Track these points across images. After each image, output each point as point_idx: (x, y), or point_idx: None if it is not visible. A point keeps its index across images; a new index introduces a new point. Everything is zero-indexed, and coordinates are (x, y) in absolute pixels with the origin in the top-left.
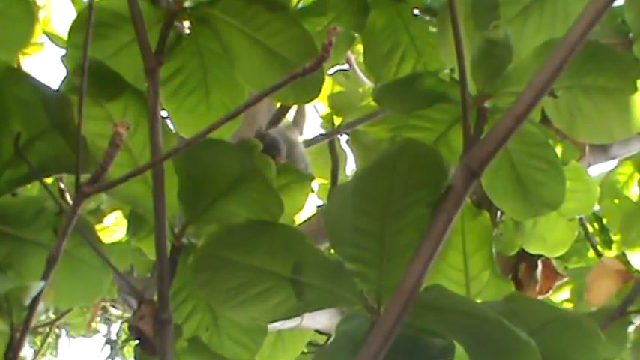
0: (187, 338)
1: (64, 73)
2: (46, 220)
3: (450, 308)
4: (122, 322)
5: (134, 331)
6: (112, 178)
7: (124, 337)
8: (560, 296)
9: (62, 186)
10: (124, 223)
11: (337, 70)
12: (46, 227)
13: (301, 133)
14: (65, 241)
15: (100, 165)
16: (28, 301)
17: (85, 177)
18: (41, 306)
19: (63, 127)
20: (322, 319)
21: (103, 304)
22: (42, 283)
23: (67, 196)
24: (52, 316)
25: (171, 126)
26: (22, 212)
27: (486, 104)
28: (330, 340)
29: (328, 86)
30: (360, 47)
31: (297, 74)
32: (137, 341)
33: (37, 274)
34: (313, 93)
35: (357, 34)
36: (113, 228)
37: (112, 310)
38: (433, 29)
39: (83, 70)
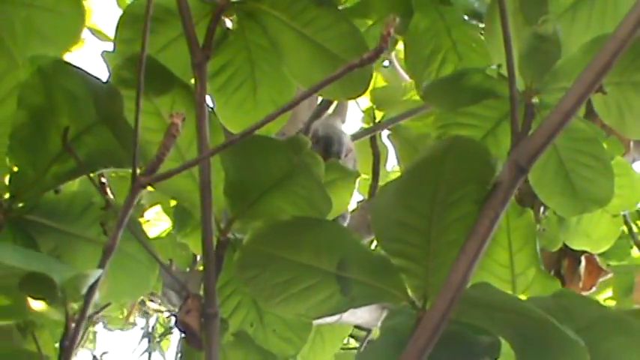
0: (233, 333)
1: (104, 68)
2: (93, 215)
3: (496, 306)
4: (159, 316)
5: (181, 325)
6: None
7: (160, 330)
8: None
9: (103, 180)
10: (164, 217)
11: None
12: (93, 222)
13: (343, 122)
14: (120, 232)
15: (157, 155)
16: (84, 291)
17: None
18: (96, 296)
19: (111, 121)
20: (362, 314)
21: (141, 297)
22: (99, 272)
23: (108, 190)
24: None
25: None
26: (70, 207)
27: (534, 100)
28: (372, 336)
29: (371, 80)
30: (399, 45)
31: (353, 65)
32: (182, 335)
33: (85, 268)
34: (361, 88)
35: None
36: (153, 222)
37: (150, 304)
38: (476, 34)
39: (140, 63)
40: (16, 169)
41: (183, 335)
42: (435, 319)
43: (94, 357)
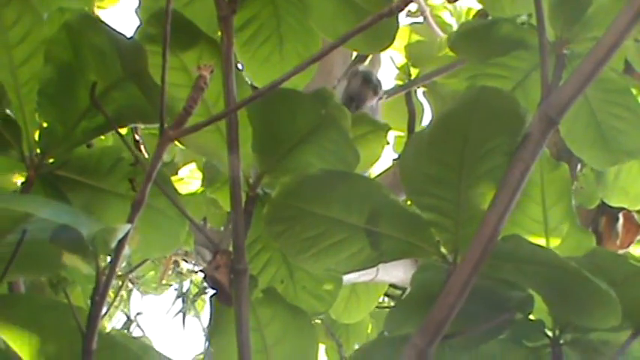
0: (263, 289)
1: (136, 25)
2: (122, 170)
3: (528, 259)
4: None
5: (210, 280)
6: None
7: (194, 291)
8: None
9: (137, 137)
10: (199, 175)
11: (412, 23)
12: (123, 178)
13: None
14: (150, 185)
15: (184, 108)
16: (113, 245)
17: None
18: (126, 250)
19: (137, 76)
20: (397, 273)
21: (174, 258)
22: (128, 226)
23: (143, 148)
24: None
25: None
26: (100, 163)
27: (565, 50)
28: (406, 292)
29: (405, 36)
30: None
31: (383, 14)
32: (212, 292)
33: (114, 222)
34: (387, 41)
35: None
36: (188, 180)
37: (184, 265)
38: None
39: (167, 15)
40: (45, 125)
41: (212, 291)
42: (465, 273)
43: (128, 317)
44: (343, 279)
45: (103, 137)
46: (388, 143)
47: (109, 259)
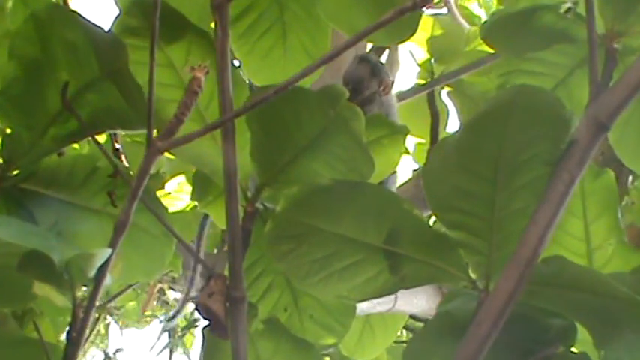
0: (263, 319)
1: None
2: (99, 183)
3: (572, 284)
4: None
5: (202, 310)
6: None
7: (183, 323)
8: None
9: (117, 145)
10: (189, 189)
11: (435, 15)
12: (100, 191)
13: (393, 77)
14: (135, 204)
15: (176, 115)
16: (92, 273)
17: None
18: (108, 279)
19: (116, 75)
20: (419, 302)
21: (159, 285)
22: (109, 251)
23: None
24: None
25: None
26: (72, 174)
27: (616, 45)
28: (429, 322)
29: (428, 28)
30: None
31: (405, 9)
32: (204, 323)
33: (90, 245)
34: (408, 32)
35: None
36: (176, 195)
37: (171, 293)
38: None
39: (155, 3)
40: (9, 131)
41: (205, 322)
42: (499, 301)
43: (106, 355)
44: (357, 308)
45: (76, 146)
46: (407, 151)
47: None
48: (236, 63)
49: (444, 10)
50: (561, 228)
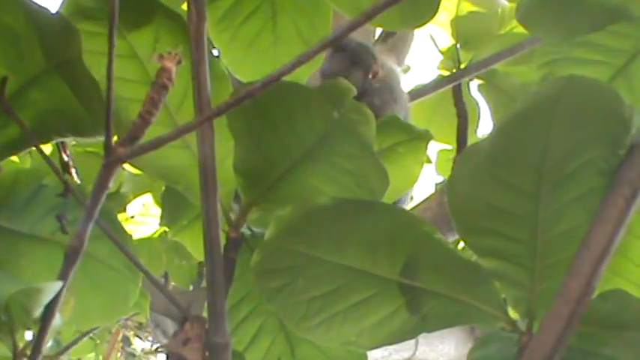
0: None
1: None
2: (45, 204)
3: (636, 324)
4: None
5: None
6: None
7: None
8: None
9: (65, 156)
10: (156, 211)
11: None
12: (47, 215)
13: (400, 64)
14: (90, 226)
15: (140, 115)
16: (37, 313)
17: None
18: (57, 320)
19: (67, 68)
20: (446, 348)
21: (123, 332)
22: (58, 285)
23: (74, 171)
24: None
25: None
26: (11, 194)
27: None
28: None
29: (452, 6)
30: None
31: None
32: None
33: (35, 281)
34: (428, 12)
35: None
36: (140, 219)
37: (137, 343)
38: None
39: None
40: None
41: None
42: (546, 346)
43: None
44: (369, 357)
45: (15, 158)
46: (429, 160)
47: (31, 333)
48: (215, 53)
49: None
50: (621, 254)
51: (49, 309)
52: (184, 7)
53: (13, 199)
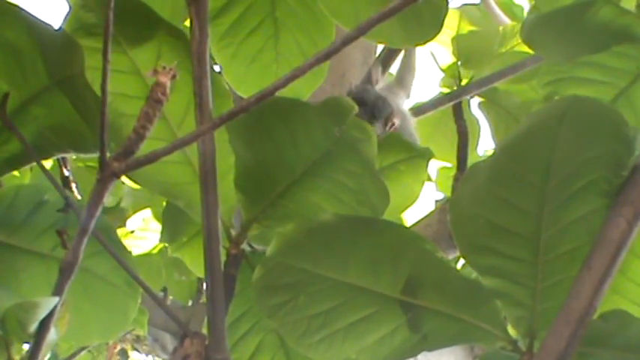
0: None
1: (67, 9)
2: (45, 219)
3: (637, 344)
4: None
5: None
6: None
7: None
8: None
9: (66, 172)
10: (156, 226)
11: (465, 5)
12: (46, 230)
13: (408, 96)
14: (85, 240)
15: (135, 130)
16: (33, 328)
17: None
18: (52, 335)
19: (68, 84)
20: None
21: (120, 345)
22: (55, 299)
23: (74, 186)
24: None
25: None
26: (12, 209)
27: None
28: None
29: (453, 24)
30: None
31: None
32: None
33: (34, 295)
34: (432, 29)
35: None
36: (140, 234)
37: (134, 356)
38: None
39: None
40: None
41: None
42: None
43: None
44: None
45: (16, 173)
46: (430, 178)
47: (27, 346)
48: (217, 69)
49: (476, 0)
50: (623, 274)
51: (45, 324)
52: (187, 23)
53: (14, 214)
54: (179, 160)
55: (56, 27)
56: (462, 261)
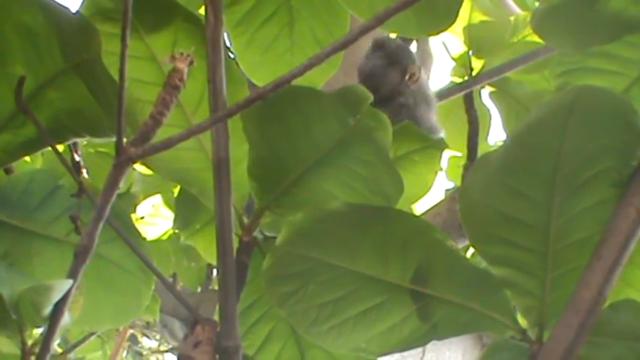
0: None
1: None
2: (60, 205)
3: None
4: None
5: None
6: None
7: None
8: None
9: (77, 157)
10: (166, 212)
11: None
12: (61, 215)
13: (427, 76)
14: (101, 225)
15: (152, 116)
16: (47, 311)
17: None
18: (66, 318)
19: (85, 68)
20: (453, 355)
21: (131, 331)
22: (69, 282)
23: (85, 172)
24: (59, 350)
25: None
26: (26, 194)
27: None
28: None
29: (465, 13)
30: None
31: None
32: None
33: (48, 280)
34: (446, 19)
35: None
36: (150, 220)
37: (145, 341)
38: None
39: None
40: None
41: None
42: (556, 356)
43: None
44: None
45: (27, 158)
46: (441, 168)
47: (40, 330)
48: (232, 56)
49: None
50: (633, 263)
51: (58, 307)
52: (202, 11)
53: (28, 199)
54: (193, 147)
55: (74, 10)
56: (471, 250)
